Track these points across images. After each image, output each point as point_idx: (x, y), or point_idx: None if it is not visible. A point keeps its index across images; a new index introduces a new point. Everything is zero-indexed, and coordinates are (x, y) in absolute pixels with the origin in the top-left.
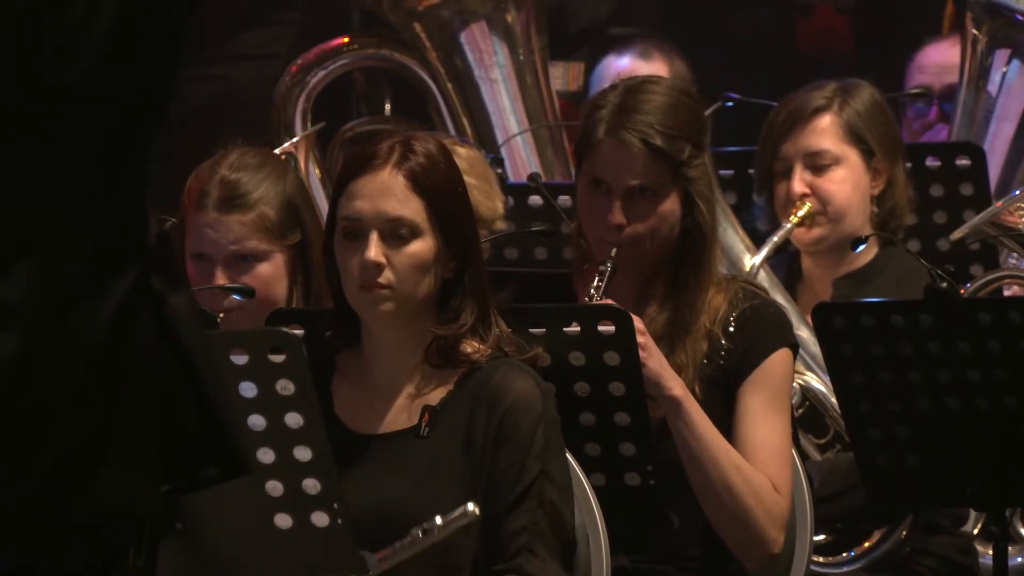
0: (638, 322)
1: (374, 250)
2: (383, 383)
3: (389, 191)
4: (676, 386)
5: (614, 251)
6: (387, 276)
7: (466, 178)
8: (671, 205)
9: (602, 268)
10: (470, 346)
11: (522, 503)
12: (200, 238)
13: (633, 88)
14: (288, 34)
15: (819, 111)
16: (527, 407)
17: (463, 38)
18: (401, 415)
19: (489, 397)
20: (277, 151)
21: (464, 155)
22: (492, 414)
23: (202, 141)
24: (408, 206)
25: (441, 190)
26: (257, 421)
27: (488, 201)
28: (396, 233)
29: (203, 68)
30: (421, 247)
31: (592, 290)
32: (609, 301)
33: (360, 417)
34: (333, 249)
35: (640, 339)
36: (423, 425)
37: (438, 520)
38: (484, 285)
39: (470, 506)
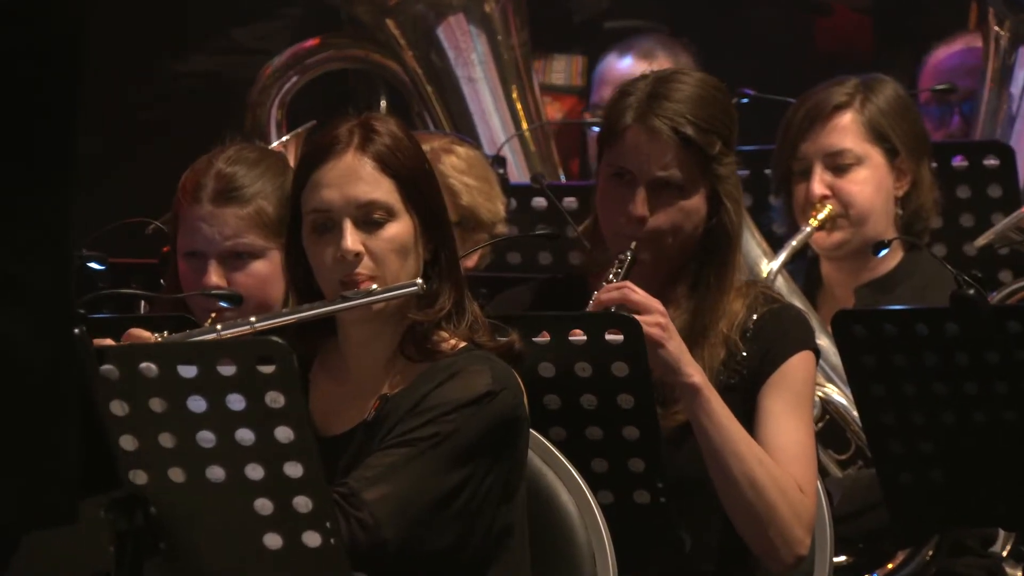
0: (658, 304)
1: (350, 239)
2: (357, 377)
3: (356, 175)
4: (695, 372)
5: (633, 244)
6: (367, 266)
7: (465, 179)
8: (697, 202)
9: (621, 257)
10: (443, 335)
11: (396, 447)
12: (194, 233)
13: (664, 78)
14: (286, 30)
15: (840, 108)
16: (462, 389)
17: (440, 33)
18: (364, 410)
19: (438, 373)
20: (276, 143)
21: (463, 154)
22: (430, 386)
23: (190, 139)
24: (379, 188)
25: (410, 168)
26: (245, 435)
27: (489, 203)
28: (370, 218)
29: (195, 62)
30: (399, 229)
31: (611, 276)
32: (628, 283)
33: (331, 415)
34: (295, 248)
35: (660, 319)
36: (371, 412)
37: (374, 285)
38: (459, 267)
39: (418, 280)
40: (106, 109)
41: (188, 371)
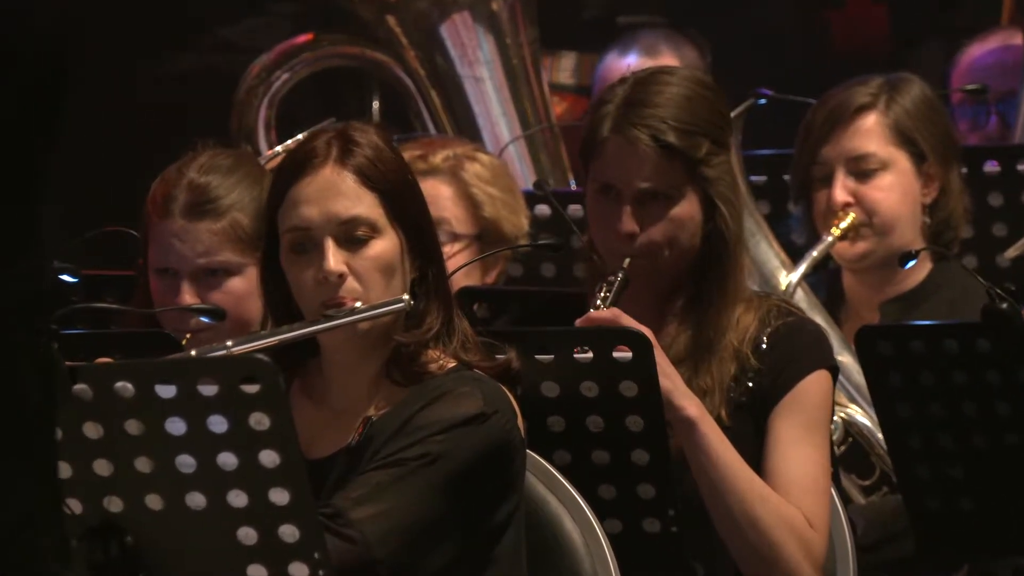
0: (646, 333)
1: (332, 259)
2: (340, 400)
3: (336, 190)
4: (690, 405)
5: (627, 261)
6: (351, 287)
7: (489, 189)
8: (688, 209)
9: (611, 278)
10: (432, 356)
11: (383, 468)
12: (165, 250)
13: (643, 80)
14: (279, 26)
15: (863, 109)
16: (452, 409)
17: (443, 32)
18: (347, 434)
19: (425, 393)
20: (273, 151)
21: (488, 163)
22: (416, 407)
23: (173, 143)
24: (361, 203)
25: (394, 182)
26: (228, 460)
27: (513, 217)
28: (352, 236)
29: (181, 61)
30: (384, 246)
31: (599, 301)
32: (614, 310)
33: (312, 439)
34: (272, 269)
35: None
36: (355, 436)
37: (358, 304)
38: (448, 285)
39: (405, 296)
40: (83, 111)
41: (167, 391)
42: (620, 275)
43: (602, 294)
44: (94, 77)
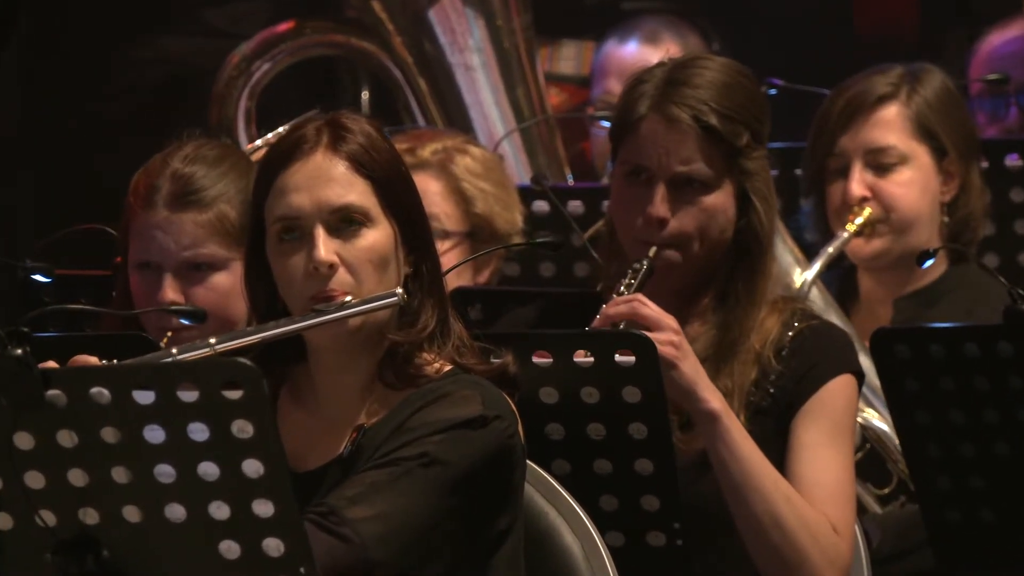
0: (671, 321)
1: (323, 248)
2: (331, 407)
3: (328, 176)
4: (714, 398)
5: (653, 250)
6: (342, 279)
7: (481, 184)
8: (723, 201)
9: (636, 266)
10: (427, 358)
11: (379, 468)
12: (147, 243)
13: (683, 63)
14: (265, 10)
15: (884, 100)
16: (450, 410)
17: (432, 17)
18: (338, 443)
19: (421, 397)
20: (260, 141)
21: (479, 156)
22: (412, 410)
23: (151, 135)
24: (354, 190)
25: (387, 170)
26: (209, 470)
27: (506, 212)
28: (344, 224)
29: (160, 48)
30: (377, 236)
31: (623, 288)
32: (639, 296)
33: (302, 449)
34: (257, 263)
35: (674, 338)
36: (346, 445)
37: (348, 298)
38: (442, 281)
39: (398, 290)
40: (56, 101)
41: (145, 397)
42: (645, 264)
43: (625, 282)
44: (58, 64)
